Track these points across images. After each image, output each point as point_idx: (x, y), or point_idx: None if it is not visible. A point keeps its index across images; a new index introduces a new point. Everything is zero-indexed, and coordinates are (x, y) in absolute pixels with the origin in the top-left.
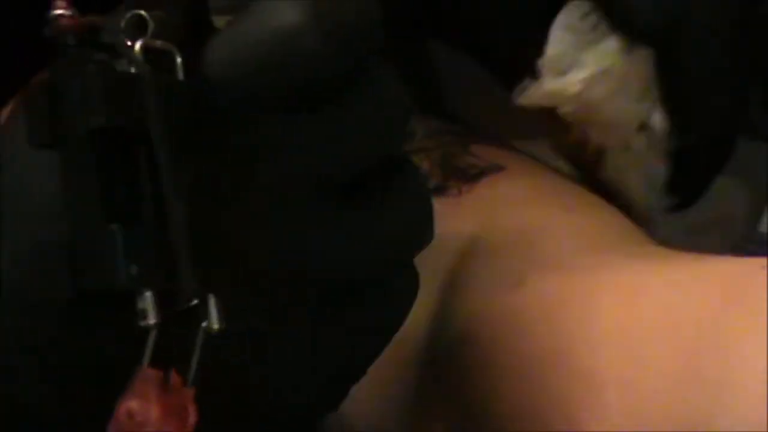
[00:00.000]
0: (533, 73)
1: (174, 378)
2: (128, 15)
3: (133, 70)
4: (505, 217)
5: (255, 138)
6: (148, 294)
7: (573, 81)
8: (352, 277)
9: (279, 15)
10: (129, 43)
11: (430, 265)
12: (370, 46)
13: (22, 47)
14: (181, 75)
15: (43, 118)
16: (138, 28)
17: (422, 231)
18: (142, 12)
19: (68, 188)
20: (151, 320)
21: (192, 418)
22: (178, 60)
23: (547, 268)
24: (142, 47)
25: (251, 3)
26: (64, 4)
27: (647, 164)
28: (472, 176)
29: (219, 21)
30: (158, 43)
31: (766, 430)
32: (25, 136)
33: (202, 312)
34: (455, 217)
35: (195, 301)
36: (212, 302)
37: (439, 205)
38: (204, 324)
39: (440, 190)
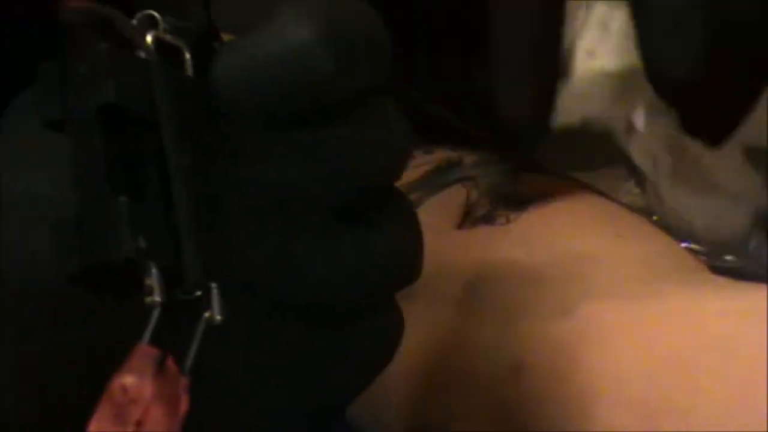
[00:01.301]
0: None
1: (170, 364)
2: (140, 15)
3: (143, 56)
4: (555, 245)
5: (256, 147)
6: (155, 271)
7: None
8: (336, 301)
9: (290, 32)
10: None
11: (480, 292)
12: (379, 69)
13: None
14: (190, 71)
15: (53, 96)
16: (149, 27)
17: (411, 263)
18: (153, 12)
19: (76, 164)
20: (157, 297)
21: (183, 406)
22: (188, 56)
23: (600, 296)
24: (154, 39)
25: (262, 21)
26: None
27: None
28: (520, 204)
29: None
30: (169, 37)
31: None
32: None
33: (204, 301)
34: (505, 246)
35: (198, 291)
36: (215, 292)
37: (488, 233)
38: (206, 314)
39: (488, 219)
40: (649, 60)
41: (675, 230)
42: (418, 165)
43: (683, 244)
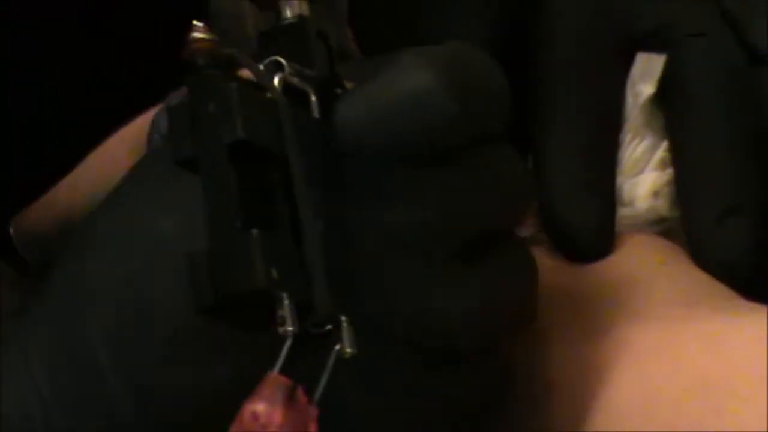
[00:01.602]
0: None
1: (300, 394)
2: (265, 61)
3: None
4: (594, 270)
5: (381, 189)
6: (287, 301)
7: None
8: (457, 341)
9: (413, 77)
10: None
11: None
12: (498, 118)
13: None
14: (316, 113)
15: (185, 135)
16: (275, 71)
17: (527, 305)
18: (279, 57)
19: (209, 199)
20: (289, 326)
21: None
22: (313, 99)
23: (635, 319)
24: (281, 80)
25: (384, 67)
26: (202, 28)
27: None
28: None
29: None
30: (295, 80)
31: None
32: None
33: (335, 334)
34: (547, 267)
35: (328, 325)
36: (346, 324)
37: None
38: (337, 347)
39: (534, 241)
40: (697, 248)
41: None
42: None
43: None
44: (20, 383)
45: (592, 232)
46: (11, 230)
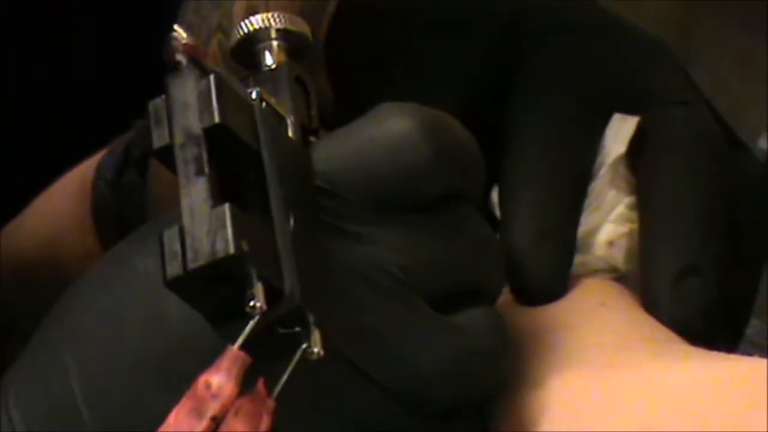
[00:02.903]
0: None
1: (260, 385)
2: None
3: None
4: (531, 314)
5: (356, 226)
6: (257, 279)
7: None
8: (432, 387)
9: (392, 123)
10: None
11: None
12: (471, 179)
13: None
14: (291, 133)
15: (163, 126)
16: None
17: (499, 367)
18: (259, 89)
19: (182, 180)
20: (258, 303)
21: (264, 426)
22: (289, 121)
23: (568, 365)
24: (258, 96)
25: (362, 118)
26: (183, 29)
27: None
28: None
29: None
30: (273, 100)
31: None
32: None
33: (304, 335)
34: None
35: (297, 327)
36: (314, 325)
37: None
38: (304, 345)
39: None
40: (652, 304)
41: None
42: None
43: None
44: None
45: (547, 279)
46: None
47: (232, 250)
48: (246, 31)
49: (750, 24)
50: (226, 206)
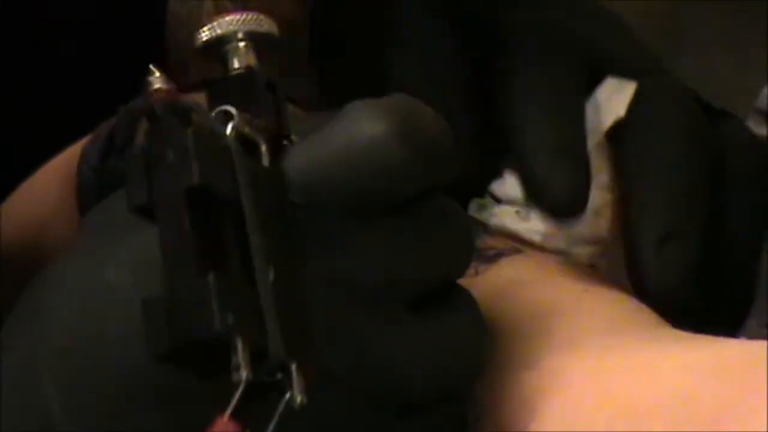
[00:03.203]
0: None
1: None
2: (215, 112)
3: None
4: (523, 299)
5: (331, 237)
6: (242, 347)
7: (533, 230)
8: (408, 390)
9: (365, 127)
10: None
11: None
12: (446, 171)
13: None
14: (266, 162)
15: (141, 181)
16: (224, 122)
17: (477, 356)
18: (229, 108)
19: (164, 245)
20: (243, 372)
21: None
22: (263, 148)
23: (562, 349)
24: (233, 129)
25: (334, 119)
26: (161, 78)
27: None
28: (489, 257)
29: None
30: (246, 129)
31: None
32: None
33: (286, 383)
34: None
35: (280, 374)
36: (296, 373)
37: None
38: (287, 394)
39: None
40: (637, 269)
41: None
42: None
43: None
44: None
45: (566, 189)
46: None
47: (218, 326)
48: (207, 38)
49: (740, 9)
50: (211, 278)
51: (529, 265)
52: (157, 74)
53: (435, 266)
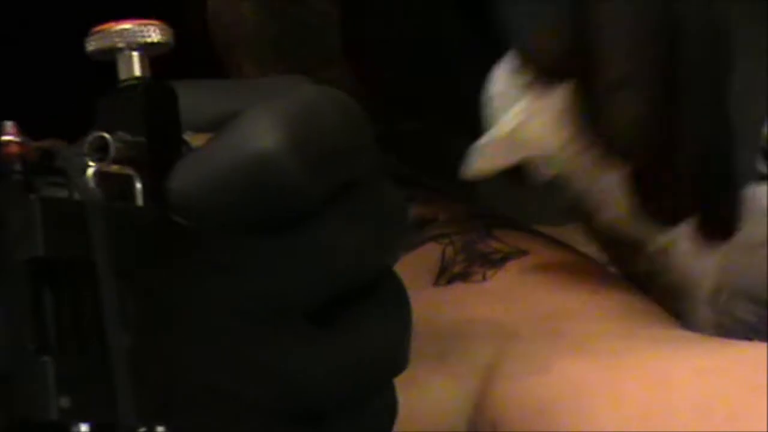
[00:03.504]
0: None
1: None
2: (90, 137)
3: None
4: (530, 302)
5: (219, 257)
6: (84, 428)
7: (510, 116)
8: (322, 402)
9: (255, 140)
10: (84, 169)
11: (459, 351)
12: (360, 159)
13: None
14: (140, 200)
15: None
16: (101, 151)
17: (395, 354)
18: (104, 134)
19: (6, 319)
20: None
21: None
22: (138, 186)
23: (574, 353)
24: (96, 173)
25: (228, 124)
26: (12, 130)
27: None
28: (496, 261)
29: (198, 139)
30: (115, 168)
31: None
32: None
33: None
34: (481, 303)
35: (142, 430)
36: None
37: (464, 291)
38: None
39: (464, 276)
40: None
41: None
42: None
43: None
44: None
45: None
46: None
47: (53, 412)
48: (92, 48)
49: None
50: (47, 360)
51: (537, 268)
52: (10, 127)
53: (342, 273)
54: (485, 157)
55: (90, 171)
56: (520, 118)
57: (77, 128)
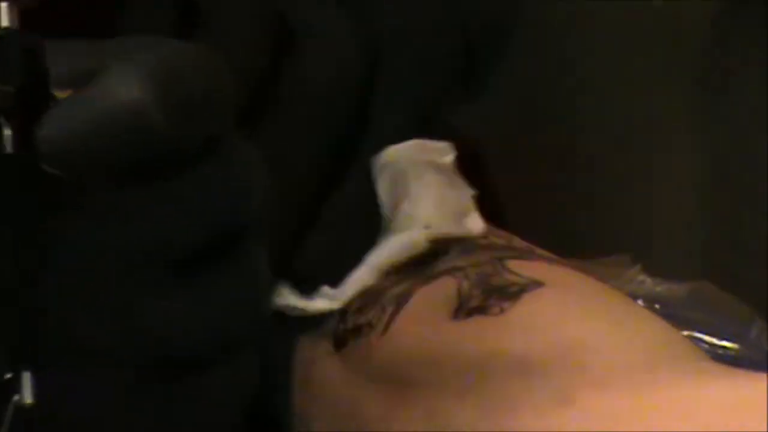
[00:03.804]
0: None
1: None
2: None
3: None
4: (550, 334)
5: (88, 207)
6: None
7: None
8: (184, 352)
9: (119, 91)
10: None
11: (477, 384)
12: (220, 119)
13: None
14: (9, 147)
15: None
16: None
17: (255, 308)
18: None
19: None
20: None
21: None
22: (6, 132)
23: (596, 385)
24: None
25: (95, 78)
26: None
27: None
28: (512, 294)
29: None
30: None
31: None
32: None
33: (14, 385)
34: (500, 337)
35: (8, 375)
36: (26, 376)
37: (483, 325)
38: (15, 398)
39: (482, 310)
40: None
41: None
42: None
43: (685, 332)
44: None
45: None
46: None
47: None
48: None
49: None
50: None
51: (555, 299)
52: None
53: (204, 225)
54: None
55: None
56: None
57: None
